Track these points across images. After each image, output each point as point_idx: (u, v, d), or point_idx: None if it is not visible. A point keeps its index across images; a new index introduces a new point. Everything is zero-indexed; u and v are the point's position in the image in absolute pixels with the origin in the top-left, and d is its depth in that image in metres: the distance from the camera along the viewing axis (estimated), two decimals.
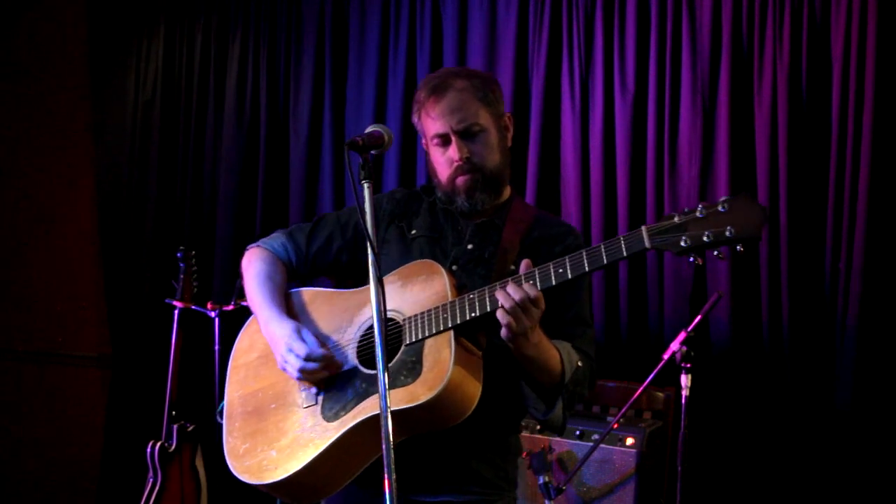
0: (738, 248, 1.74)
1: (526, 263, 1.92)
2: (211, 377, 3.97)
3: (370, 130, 1.96)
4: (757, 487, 3.50)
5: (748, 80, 3.58)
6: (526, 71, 4.00)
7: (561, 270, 1.87)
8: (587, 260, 1.85)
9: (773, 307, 3.50)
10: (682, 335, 3.11)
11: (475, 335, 2.00)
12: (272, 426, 2.12)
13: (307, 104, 4.46)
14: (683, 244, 1.76)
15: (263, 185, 4.56)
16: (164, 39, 4.81)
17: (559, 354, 2.02)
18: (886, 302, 3.33)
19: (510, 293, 1.86)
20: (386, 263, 2.17)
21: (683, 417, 3.08)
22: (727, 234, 1.73)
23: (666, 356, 3.11)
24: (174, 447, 3.94)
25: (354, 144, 1.89)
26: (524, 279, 1.90)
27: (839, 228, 3.39)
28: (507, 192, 2.24)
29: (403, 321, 2.01)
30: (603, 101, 3.80)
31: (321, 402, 2.07)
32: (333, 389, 2.07)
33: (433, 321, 1.96)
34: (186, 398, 4.06)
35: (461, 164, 2.12)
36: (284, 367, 2.08)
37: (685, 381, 3.09)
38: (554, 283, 1.87)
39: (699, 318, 3.17)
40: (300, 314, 2.21)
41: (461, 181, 2.14)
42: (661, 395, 3.41)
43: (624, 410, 3.14)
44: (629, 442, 3.21)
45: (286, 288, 2.25)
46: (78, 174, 4.94)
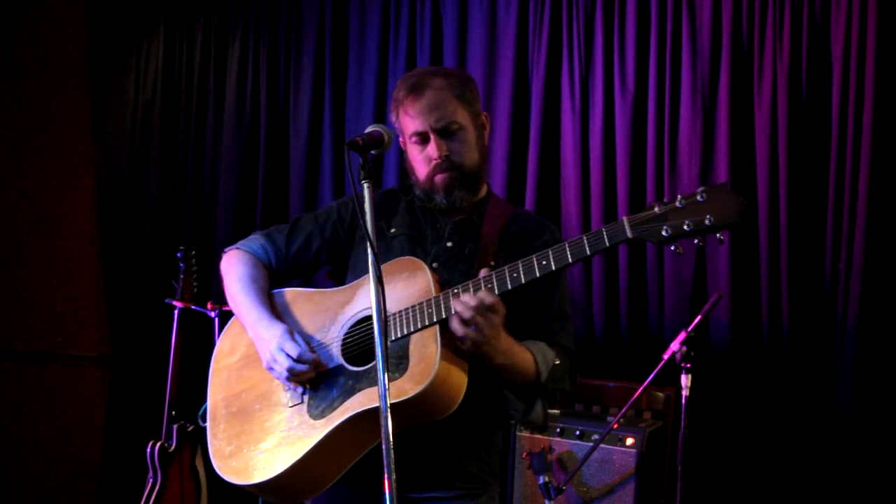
0: (718, 235, 1.78)
1: (484, 271, 1.95)
2: None
3: (370, 130, 1.96)
4: (757, 487, 3.50)
5: (748, 80, 3.58)
6: (526, 71, 4.00)
7: (545, 262, 1.89)
8: (570, 251, 1.87)
9: (773, 307, 3.50)
10: (682, 335, 3.11)
11: None
12: (258, 426, 2.12)
13: (307, 104, 4.46)
14: (664, 234, 1.79)
15: (263, 185, 4.56)
16: (164, 39, 4.81)
17: (532, 356, 2.05)
18: (886, 302, 3.33)
19: (466, 303, 1.89)
20: (365, 262, 2.18)
21: (683, 417, 3.08)
22: (706, 222, 1.76)
23: (666, 356, 3.11)
24: (174, 447, 3.94)
25: (354, 144, 1.90)
26: (495, 280, 1.92)
27: (839, 228, 3.39)
28: (484, 189, 2.27)
29: (388, 317, 2.02)
30: (603, 101, 3.80)
31: (307, 400, 2.08)
32: (319, 387, 2.07)
33: (418, 317, 1.98)
34: (186, 398, 4.05)
35: (440, 161, 2.14)
36: (272, 366, 2.08)
37: (685, 381, 3.09)
38: (538, 274, 1.89)
39: (699, 318, 3.17)
40: (283, 314, 2.21)
41: (440, 179, 2.16)
42: (661, 395, 3.41)
43: (624, 410, 3.14)
44: (629, 442, 3.21)
45: (268, 288, 2.26)
46: (78, 174, 4.94)
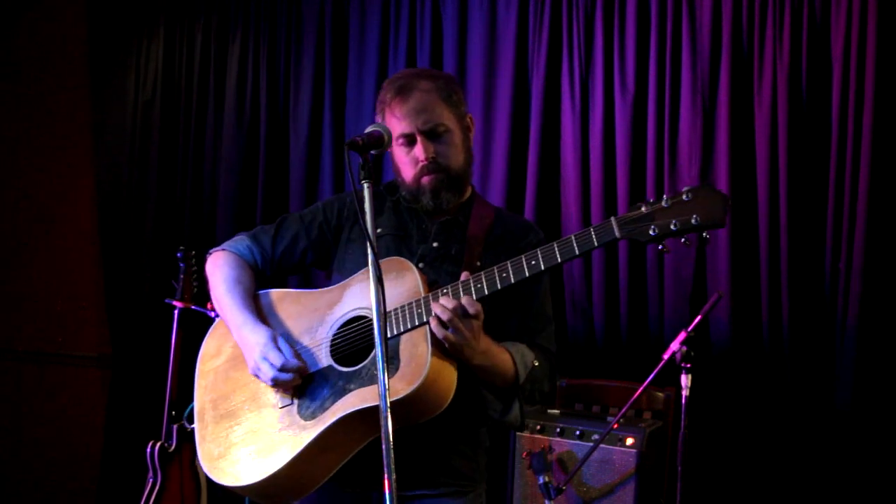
0: (704, 234, 1.80)
1: (465, 274, 1.96)
2: None
3: (370, 130, 1.96)
4: (757, 487, 3.50)
5: (748, 80, 3.58)
6: (526, 71, 3.99)
7: (534, 262, 1.90)
8: (559, 251, 1.89)
9: (773, 307, 3.50)
10: (682, 335, 3.11)
11: None
12: (247, 428, 2.11)
13: (307, 104, 4.46)
14: (652, 233, 1.82)
15: (263, 185, 4.56)
16: (164, 39, 4.81)
17: (511, 357, 2.06)
18: (886, 302, 3.33)
19: (446, 306, 1.90)
20: (352, 262, 2.20)
21: (683, 417, 3.08)
22: (693, 221, 1.79)
23: (666, 356, 3.11)
24: (174, 447, 3.93)
25: (354, 144, 1.90)
26: (484, 279, 1.93)
27: (839, 228, 3.39)
28: (468, 190, 2.28)
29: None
30: (603, 101, 3.80)
31: (297, 401, 2.07)
32: (309, 389, 2.07)
33: (408, 317, 1.98)
34: (186, 398, 4.04)
35: (427, 163, 2.15)
36: (257, 374, 2.08)
37: (685, 381, 3.09)
38: (528, 274, 1.91)
39: (699, 318, 3.17)
40: (269, 315, 2.20)
41: (427, 180, 2.17)
42: (661, 395, 3.41)
43: (624, 410, 3.14)
44: (629, 442, 3.20)
45: (254, 290, 2.25)
46: (78, 174, 4.94)
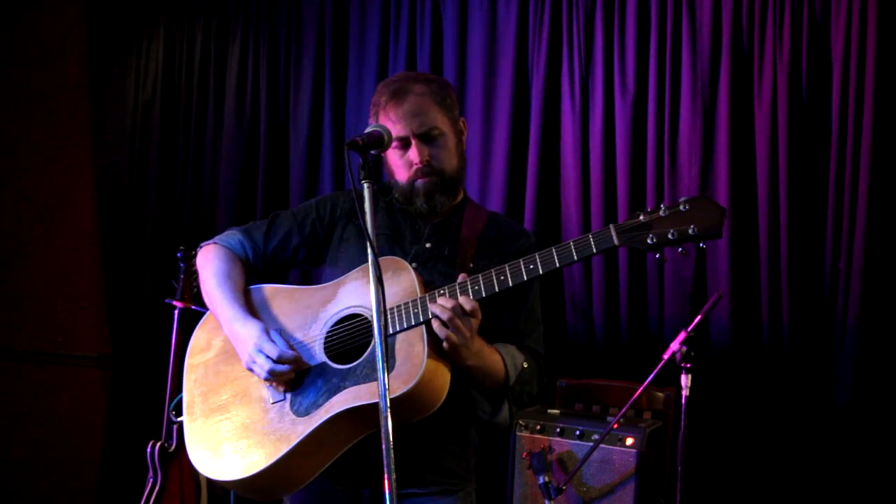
0: (700, 244, 1.84)
1: (462, 276, 1.99)
2: None
3: (370, 130, 1.96)
4: (757, 487, 3.50)
5: (748, 80, 3.58)
6: (526, 71, 3.99)
7: (532, 266, 1.93)
8: (557, 256, 1.91)
9: (773, 307, 3.50)
10: (682, 335, 3.11)
11: None
12: (237, 423, 2.12)
13: (307, 104, 4.46)
14: (650, 241, 1.86)
15: (263, 185, 4.56)
16: (164, 39, 4.81)
17: (502, 358, 2.09)
18: (886, 302, 3.33)
19: (445, 306, 1.92)
20: (346, 260, 2.21)
21: (683, 417, 3.08)
22: (690, 231, 1.83)
23: (666, 356, 3.11)
24: (174, 447, 3.93)
25: (354, 144, 1.90)
26: (482, 282, 1.96)
27: (839, 228, 3.39)
28: (461, 193, 2.30)
29: (371, 316, 2.01)
30: (603, 101, 3.80)
31: (290, 397, 2.08)
32: (302, 385, 2.08)
33: (404, 316, 1.99)
34: None
35: (421, 166, 2.16)
36: (251, 367, 2.08)
37: (685, 381, 3.09)
38: (525, 278, 1.93)
39: (699, 318, 3.16)
40: (261, 311, 2.21)
41: (421, 183, 2.18)
42: (661, 395, 3.41)
43: (624, 410, 3.14)
44: (629, 442, 3.21)
45: (245, 285, 2.26)
46: (78, 174, 4.94)
